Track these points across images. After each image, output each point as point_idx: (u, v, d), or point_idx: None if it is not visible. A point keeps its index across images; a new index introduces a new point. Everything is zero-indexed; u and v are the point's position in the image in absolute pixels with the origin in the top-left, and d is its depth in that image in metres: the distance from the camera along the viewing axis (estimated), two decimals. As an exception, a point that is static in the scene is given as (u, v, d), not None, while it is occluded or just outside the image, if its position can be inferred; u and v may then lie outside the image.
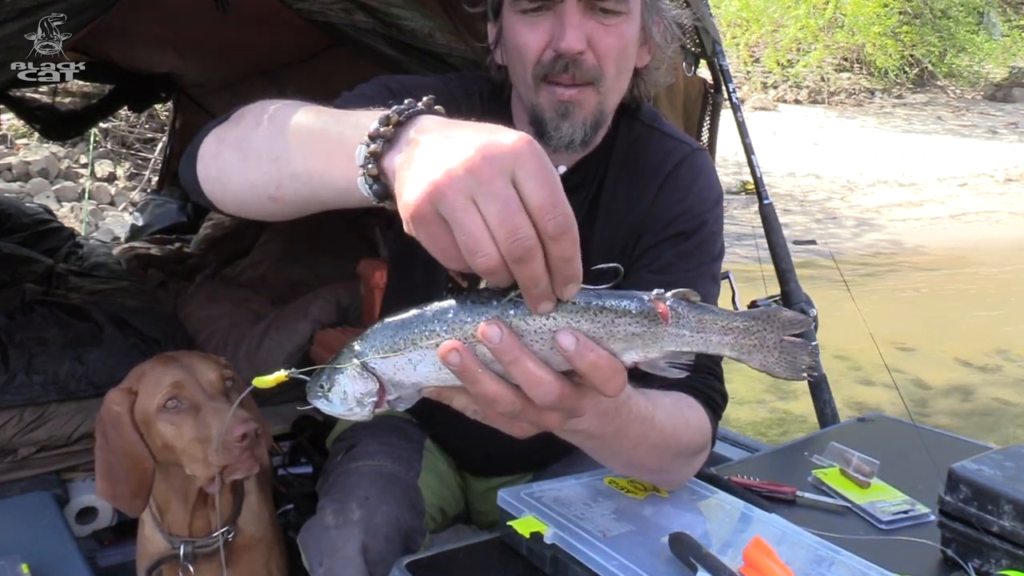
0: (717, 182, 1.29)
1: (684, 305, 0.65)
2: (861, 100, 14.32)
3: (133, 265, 3.55)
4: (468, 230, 0.55)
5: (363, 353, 0.65)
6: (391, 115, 0.65)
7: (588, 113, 1.11)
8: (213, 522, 1.37)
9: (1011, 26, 15.64)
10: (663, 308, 0.64)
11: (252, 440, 1.26)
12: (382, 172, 0.64)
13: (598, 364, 0.62)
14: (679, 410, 0.98)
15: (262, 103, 0.86)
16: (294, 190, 0.76)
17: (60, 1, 1.65)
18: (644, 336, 0.64)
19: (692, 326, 0.65)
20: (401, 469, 1.28)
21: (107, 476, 1.30)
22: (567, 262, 0.57)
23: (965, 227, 9.33)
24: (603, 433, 0.83)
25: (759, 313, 0.68)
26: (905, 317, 6.27)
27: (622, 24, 1.09)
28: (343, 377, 0.66)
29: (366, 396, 0.66)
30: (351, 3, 1.84)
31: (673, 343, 0.65)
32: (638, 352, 0.65)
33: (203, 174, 0.88)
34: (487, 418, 0.69)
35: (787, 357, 0.69)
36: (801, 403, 4.24)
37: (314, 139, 0.73)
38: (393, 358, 0.64)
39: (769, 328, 0.68)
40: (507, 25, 1.12)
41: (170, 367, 1.33)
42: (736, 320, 0.67)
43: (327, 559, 1.14)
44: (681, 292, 0.66)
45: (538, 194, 0.56)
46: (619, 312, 0.63)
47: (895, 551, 1.07)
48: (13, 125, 7.67)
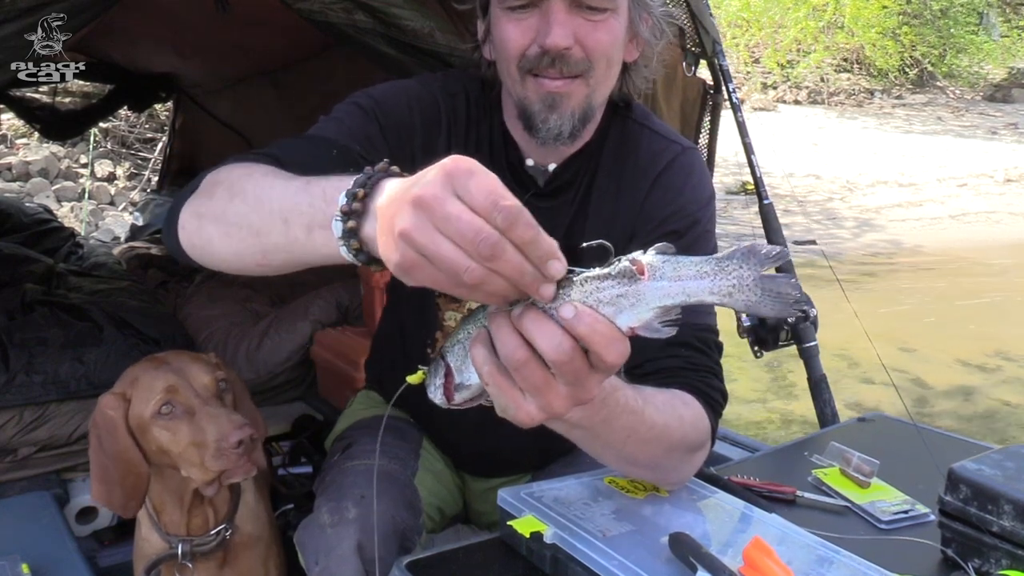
0: (709, 181, 1.30)
1: (659, 258, 0.66)
2: (861, 101, 14.32)
3: (133, 265, 3.55)
4: (443, 258, 0.59)
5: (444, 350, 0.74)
6: (357, 191, 0.68)
7: (576, 105, 1.12)
8: (210, 521, 1.37)
9: (1011, 27, 15.65)
10: (639, 264, 0.65)
11: (248, 445, 1.25)
12: (363, 244, 0.68)
13: (596, 328, 0.64)
14: (672, 407, 0.98)
15: (229, 169, 0.90)
16: (280, 259, 0.80)
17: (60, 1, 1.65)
18: (628, 295, 0.65)
19: (669, 276, 0.65)
20: (397, 468, 1.29)
21: (101, 479, 1.31)
22: (532, 244, 0.60)
23: (965, 227, 9.32)
24: (591, 422, 0.83)
25: (732, 252, 0.66)
26: (905, 317, 6.27)
27: (609, 19, 1.09)
28: (432, 365, 0.75)
29: (437, 379, 0.74)
30: (351, 3, 1.84)
31: (657, 297, 0.65)
32: (630, 314, 0.66)
33: (187, 243, 0.91)
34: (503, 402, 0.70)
35: (770, 294, 0.66)
36: (801, 403, 4.24)
37: (289, 213, 0.77)
38: (456, 346, 0.72)
39: (745, 265, 0.65)
40: (494, 21, 1.13)
41: (162, 371, 1.32)
42: (708, 263, 0.65)
43: (323, 557, 1.14)
44: (659, 246, 0.67)
45: (477, 198, 0.59)
46: (601, 277, 0.65)
47: (895, 551, 1.07)
48: (13, 125, 7.67)
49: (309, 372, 2.64)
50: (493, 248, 0.58)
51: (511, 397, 0.68)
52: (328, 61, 3.21)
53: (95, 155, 7.68)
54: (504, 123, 1.24)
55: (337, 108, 1.18)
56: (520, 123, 1.16)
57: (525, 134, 1.18)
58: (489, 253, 0.58)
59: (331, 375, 2.51)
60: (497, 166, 1.24)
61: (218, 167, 0.95)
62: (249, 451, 1.26)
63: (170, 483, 1.34)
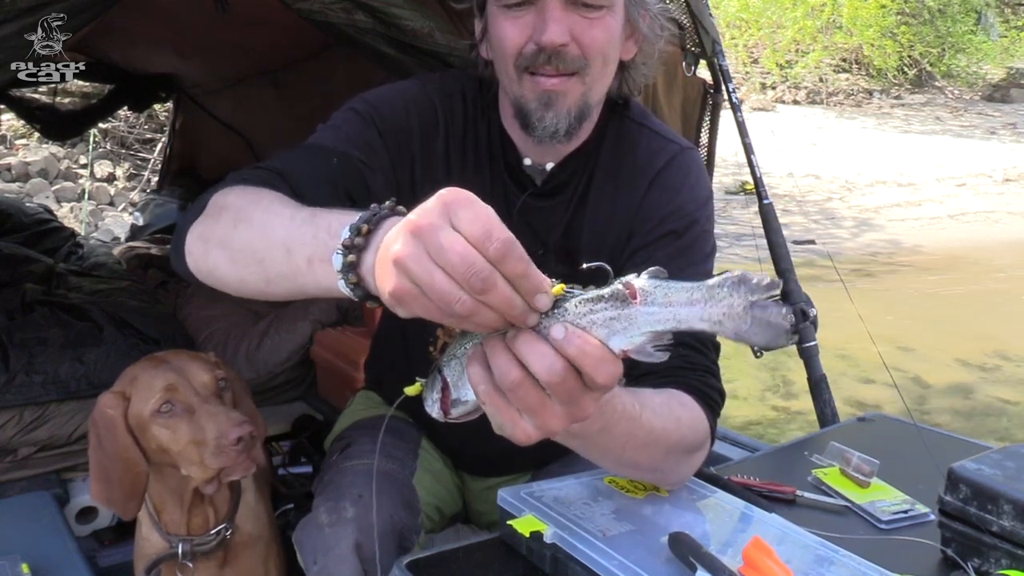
0: (707, 181, 1.30)
1: (651, 283, 0.65)
2: (859, 101, 14.33)
3: (133, 265, 3.55)
4: (435, 287, 0.59)
5: (440, 364, 0.74)
6: (361, 226, 0.69)
7: (572, 103, 1.12)
8: (210, 520, 1.37)
9: (1009, 27, 15.65)
10: (631, 288, 0.65)
11: (247, 443, 1.26)
12: (361, 279, 0.69)
13: (585, 349, 0.64)
14: (669, 409, 0.98)
15: (236, 192, 0.91)
16: (283, 287, 0.80)
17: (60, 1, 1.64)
18: (620, 319, 0.65)
19: (660, 302, 0.65)
20: (396, 468, 1.29)
21: (101, 479, 1.31)
22: (523, 278, 0.61)
23: (964, 227, 9.33)
24: (588, 432, 0.83)
25: (723, 280, 0.65)
26: (904, 316, 6.27)
27: (606, 17, 1.10)
28: (429, 379, 0.75)
29: (434, 393, 0.74)
30: (351, 3, 1.84)
31: (648, 323, 0.65)
32: (622, 338, 0.65)
33: (194, 267, 0.93)
34: (499, 421, 0.70)
35: (760, 323, 0.64)
36: (801, 402, 4.24)
37: (292, 244, 0.78)
38: (453, 361, 0.72)
39: (735, 293, 0.64)
40: (491, 19, 1.14)
41: (162, 370, 1.32)
42: (699, 290, 0.64)
43: (321, 557, 1.14)
44: (652, 271, 0.66)
45: (472, 229, 0.59)
46: (595, 300, 0.65)
47: (895, 551, 1.07)
48: (12, 126, 7.67)
49: (309, 372, 2.64)
50: (485, 282, 0.59)
51: (507, 416, 0.68)
52: (328, 61, 3.21)
53: (94, 156, 7.68)
54: (501, 123, 1.25)
55: (335, 116, 1.19)
56: (517, 122, 1.16)
57: (522, 133, 1.17)
58: (481, 287, 0.59)
59: (331, 375, 2.51)
60: (494, 166, 1.24)
61: (225, 186, 0.95)
62: (248, 448, 1.26)
63: (170, 482, 1.34)
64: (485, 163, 1.24)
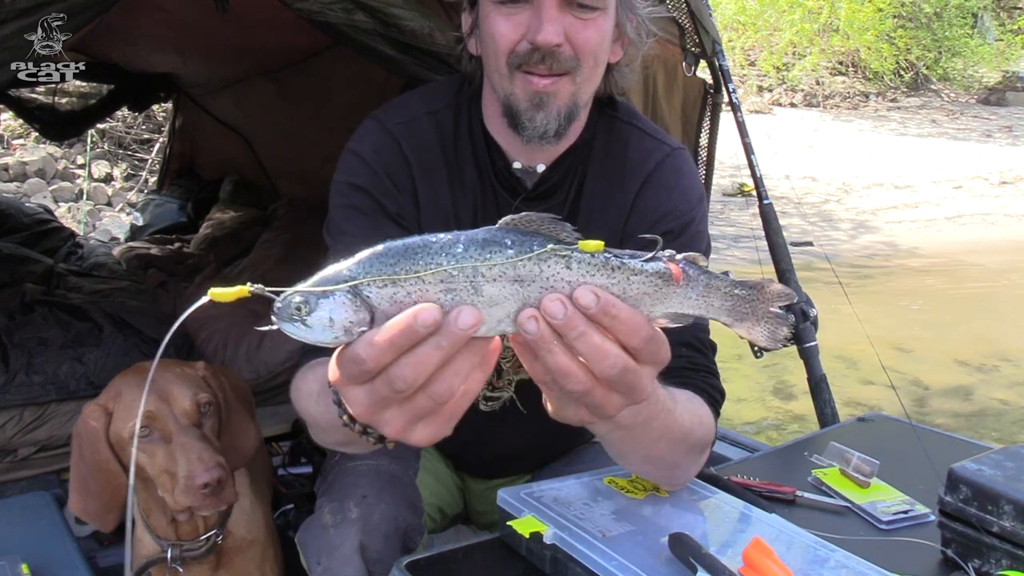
0: (699, 181, 1.30)
1: (694, 268, 0.68)
2: (856, 103, 14.35)
3: (133, 265, 3.55)
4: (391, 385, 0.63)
5: (356, 277, 0.60)
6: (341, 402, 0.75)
7: (563, 103, 1.11)
8: (200, 527, 1.36)
9: (1004, 30, 15.68)
10: (677, 270, 0.66)
11: (214, 488, 1.24)
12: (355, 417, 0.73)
13: (618, 315, 0.64)
14: (693, 406, 0.98)
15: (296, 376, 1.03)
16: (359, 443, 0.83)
17: (60, 1, 1.64)
18: (653, 295, 0.66)
19: (700, 290, 0.68)
20: (399, 468, 1.28)
21: (80, 490, 1.30)
22: None
23: (960, 229, 9.35)
24: (633, 422, 0.82)
25: (755, 284, 0.72)
26: (902, 318, 6.28)
27: (599, 19, 1.09)
28: (329, 302, 0.60)
29: (355, 326, 0.61)
30: (351, 3, 1.83)
31: (679, 304, 0.67)
32: (645, 310, 0.66)
33: None
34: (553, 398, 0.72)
35: (770, 327, 0.74)
36: (801, 403, 4.25)
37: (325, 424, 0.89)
38: (391, 288, 0.60)
39: (761, 298, 0.72)
40: (483, 14, 1.12)
41: (145, 391, 1.28)
42: (738, 288, 0.70)
43: (325, 558, 1.14)
44: (691, 256, 0.68)
45: None
46: (634, 271, 0.65)
47: (895, 551, 1.07)
48: (10, 126, 7.65)
49: (308, 372, 2.63)
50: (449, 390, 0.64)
51: (559, 404, 0.72)
52: (328, 61, 3.21)
53: (92, 156, 7.67)
54: (485, 126, 1.22)
55: (334, 218, 1.18)
56: (505, 121, 1.14)
57: (510, 134, 1.15)
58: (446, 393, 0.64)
59: (330, 375, 2.50)
60: (483, 173, 1.21)
61: None
62: (216, 493, 1.24)
63: (154, 492, 1.32)
64: (472, 173, 1.22)
